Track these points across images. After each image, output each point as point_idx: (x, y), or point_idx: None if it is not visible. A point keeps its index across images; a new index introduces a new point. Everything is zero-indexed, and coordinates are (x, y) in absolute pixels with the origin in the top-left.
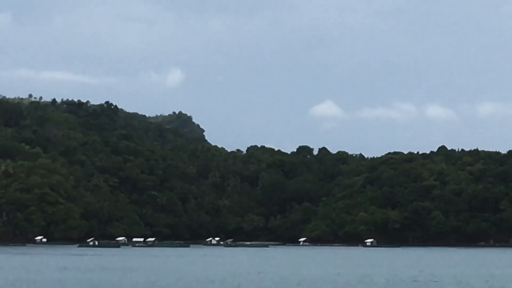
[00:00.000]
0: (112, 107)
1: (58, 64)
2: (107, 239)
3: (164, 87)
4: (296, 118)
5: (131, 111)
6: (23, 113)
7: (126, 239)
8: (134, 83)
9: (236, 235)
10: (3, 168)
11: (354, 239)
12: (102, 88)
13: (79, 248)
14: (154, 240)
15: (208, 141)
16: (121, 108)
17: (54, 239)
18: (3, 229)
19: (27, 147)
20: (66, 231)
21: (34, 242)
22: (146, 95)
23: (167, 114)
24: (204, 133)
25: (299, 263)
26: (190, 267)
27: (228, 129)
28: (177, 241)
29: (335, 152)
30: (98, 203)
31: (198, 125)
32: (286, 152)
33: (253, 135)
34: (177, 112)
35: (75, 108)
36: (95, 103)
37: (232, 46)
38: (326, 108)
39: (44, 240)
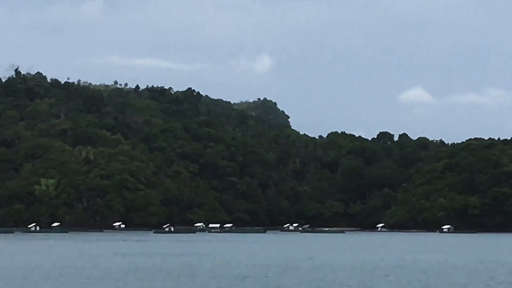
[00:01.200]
0: (195, 93)
1: (148, 51)
2: (186, 225)
3: (252, 73)
4: (382, 104)
5: (215, 98)
6: (105, 100)
7: (204, 225)
8: (222, 70)
9: (315, 221)
10: (83, 154)
11: (433, 225)
12: (189, 75)
13: (154, 234)
14: (231, 226)
15: (292, 127)
16: (205, 95)
17: (133, 225)
18: (84, 215)
19: (107, 133)
20: (145, 217)
21: (113, 228)
22: (233, 81)
23: (252, 101)
24: (289, 120)
25: (366, 248)
26: (250, 251)
27: (313, 116)
28: (254, 227)
29: (416, 138)
30: (178, 189)
31: (283, 112)
32: (366, 138)
33: (337, 122)
34: (261, 99)
35: (158, 94)
36: (180, 90)
37: (321, 32)
38: (416, 94)
39: (123, 226)
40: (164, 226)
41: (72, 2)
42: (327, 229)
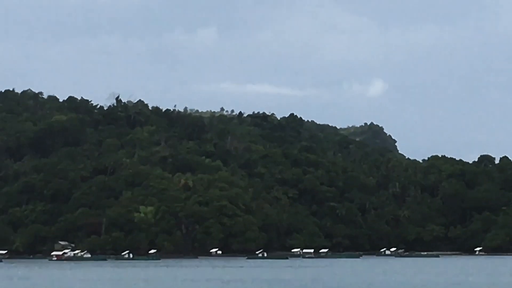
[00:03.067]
0: (297, 119)
1: (259, 77)
2: (285, 251)
3: (362, 98)
4: (484, 127)
5: (321, 123)
6: (206, 126)
7: (301, 251)
8: (332, 94)
9: (416, 245)
10: (183, 181)
11: None
12: (297, 100)
13: (247, 260)
14: (327, 251)
15: (400, 152)
16: (311, 120)
17: (232, 251)
18: (182, 242)
19: (207, 160)
20: (244, 243)
21: (210, 254)
22: (341, 106)
23: (358, 126)
24: (396, 144)
25: (445, 272)
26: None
27: (420, 140)
28: (349, 252)
29: None
30: (277, 215)
31: (389, 136)
32: (467, 161)
33: (441, 145)
34: (368, 123)
35: (260, 121)
36: (284, 115)
37: (435, 56)
38: None
39: (219, 252)
40: (257, 252)
41: (187, 29)
42: (425, 253)
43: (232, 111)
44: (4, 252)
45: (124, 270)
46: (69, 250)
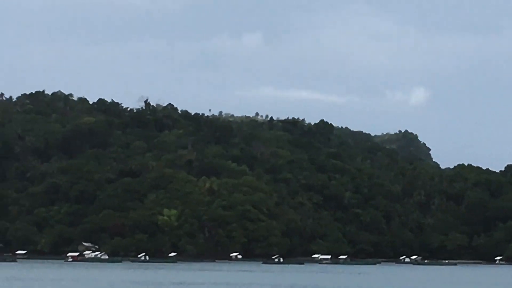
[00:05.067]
0: (327, 125)
1: (300, 83)
2: (308, 257)
3: (399, 106)
4: None
5: (356, 129)
6: (233, 131)
7: (320, 256)
8: (371, 101)
9: (439, 253)
10: (207, 185)
11: None
12: (335, 106)
13: (262, 264)
14: (346, 257)
15: (434, 160)
16: (345, 126)
17: (254, 256)
18: (205, 245)
19: (233, 164)
20: (266, 248)
21: (230, 258)
22: (378, 113)
23: (393, 133)
24: (430, 152)
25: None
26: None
27: (453, 149)
28: (366, 259)
29: None
30: (301, 220)
31: (424, 144)
32: (494, 171)
33: (475, 153)
34: (403, 131)
35: (290, 126)
36: (315, 121)
37: (477, 65)
38: None
39: (239, 256)
40: (273, 257)
41: (231, 34)
42: (446, 261)
43: (267, 116)
44: (23, 252)
45: (122, 272)
46: (90, 251)
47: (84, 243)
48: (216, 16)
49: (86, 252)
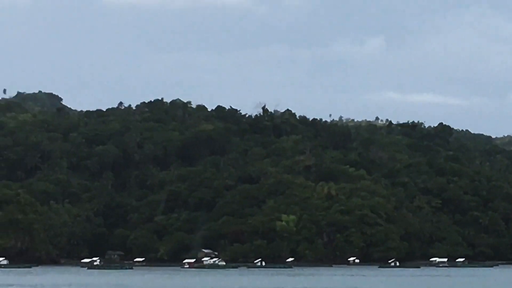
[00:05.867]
0: (446, 128)
1: (423, 87)
2: (426, 260)
3: None
4: None
5: (477, 132)
6: (352, 136)
7: (437, 260)
8: (498, 103)
9: None
10: (325, 190)
11: None
12: (460, 109)
13: (379, 269)
14: (463, 260)
15: None
16: (465, 129)
17: (372, 260)
18: (324, 250)
19: (351, 169)
20: (384, 252)
21: (347, 263)
22: (503, 115)
23: None
24: None
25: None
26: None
27: None
28: (483, 262)
29: None
30: (419, 224)
31: None
32: None
33: None
34: None
35: (409, 130)
36: (434, 125)
37: None
38: None
39: (357, 261)
40: (389, 261)
41: (353, 39)
42: None
43: (387, 120)
44: (141, 259)
45: (235, 278)
46: (209, 258)
47: (203, 250)
48: (338, 21)
49: (205, 258)
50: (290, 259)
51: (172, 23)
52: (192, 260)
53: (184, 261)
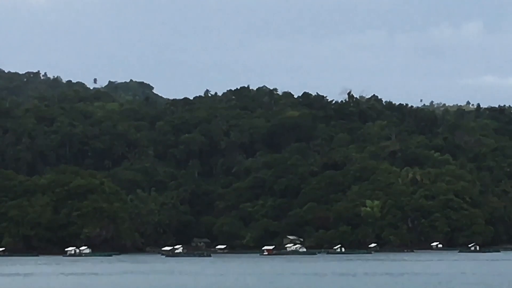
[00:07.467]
0: None
1: None
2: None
3: None
4: None
5: None
6: (438, 120)
7: None
8: None
9: None
10: (410, 175)
11: None
12: None
13: (458, 253)
14: None
15: None
16: None
17: (457, 245)
18: (408, 235)
19: (436, 154)
20: (469, 237)
21: (431, 248)
22: None
23: None
24: None
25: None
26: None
27: None
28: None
29: None
30: (505, 208)
31: None
32: None
33: None
34: None
35: (497, 114)
36: None
37: None
38: None
39: (440, 246)
40: (470, 245)
41: (451, 23)
42: None
43: (478, 105)
44: (223, 247)
45: (310, 264)
46: (292, 244)
47: (289, 237)
48: (436, 6)
49: (288, 245)
50: (372, 245)
51: (263, 9)
52: (271, 247)
53: (263, 248)
